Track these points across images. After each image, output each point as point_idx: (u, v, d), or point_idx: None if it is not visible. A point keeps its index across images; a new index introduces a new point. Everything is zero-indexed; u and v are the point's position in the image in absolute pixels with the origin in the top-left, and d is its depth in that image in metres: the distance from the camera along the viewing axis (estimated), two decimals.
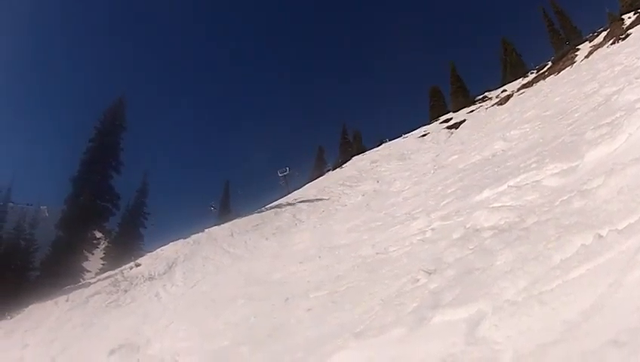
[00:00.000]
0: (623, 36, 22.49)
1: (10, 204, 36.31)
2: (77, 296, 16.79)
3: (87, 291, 17.06)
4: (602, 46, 24.49)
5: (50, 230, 31.92)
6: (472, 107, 37.98)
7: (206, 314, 7.69)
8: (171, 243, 20.88)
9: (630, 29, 23.25)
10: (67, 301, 16.45)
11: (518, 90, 30.69)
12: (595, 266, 2.03)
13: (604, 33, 28.68)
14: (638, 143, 3.49)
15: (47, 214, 46.86)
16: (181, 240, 20.54)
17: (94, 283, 19.21)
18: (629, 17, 27.18)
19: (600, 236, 2.28)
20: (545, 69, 33.98)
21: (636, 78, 7.36)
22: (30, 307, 18.04)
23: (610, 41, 23.79)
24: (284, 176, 39.24)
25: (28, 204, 43.21)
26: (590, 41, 30.78)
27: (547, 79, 26.28)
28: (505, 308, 2.12)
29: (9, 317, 17.77)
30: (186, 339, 6.62)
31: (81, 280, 26.19)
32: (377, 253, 6.18)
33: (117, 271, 20.03)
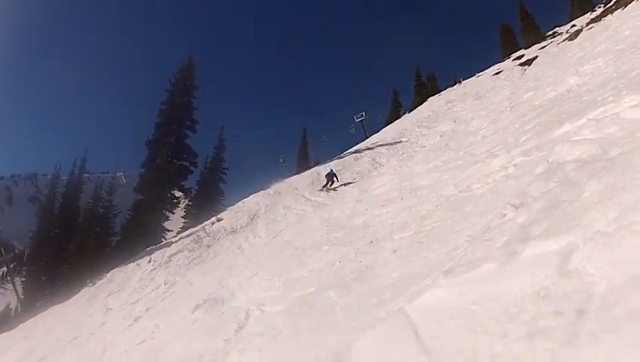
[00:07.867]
0: None
1: (86, 175, 39.20)
2: (159, 256, 17.88)
3: (169, 250, 18.14)
4: None
5: (129, 195, 34.20)
6: (543, 43, 38.61)
7: (290, 262, 7.98)
8: (252, 196, 21.99)
9: None
10: (149, 262, 17.49)
11: (587, 24, 30.15)
12: None
13: None
14: None
15: (124, 180, 50.46)
16: (262, 192, 21.55)
17: (176, 241, 20.32)
18: None
19: None
20: (612, 2, 32.56)
21: None
22: (112, 271, 19.34)
23: None
24: (361, 120, 39.58)
25: (104, 173, 46.44)
26: None
27: (614, 13, 25.61)
28: (596, 239, 2.19)
29: (90, 284, 19.11)
30: (271, 289, 6.72)
31: (163, 240, 27.94)
32: (460, 192, 6.33)
33: (199, 227, 21.19)
